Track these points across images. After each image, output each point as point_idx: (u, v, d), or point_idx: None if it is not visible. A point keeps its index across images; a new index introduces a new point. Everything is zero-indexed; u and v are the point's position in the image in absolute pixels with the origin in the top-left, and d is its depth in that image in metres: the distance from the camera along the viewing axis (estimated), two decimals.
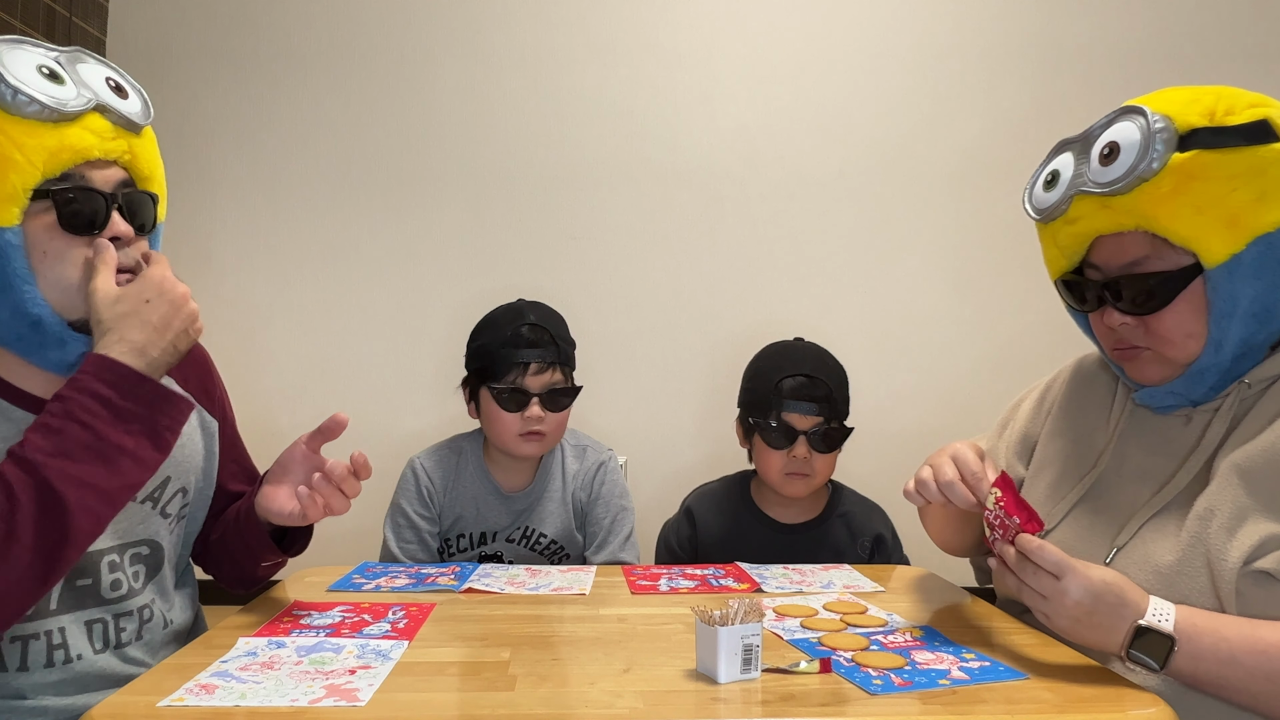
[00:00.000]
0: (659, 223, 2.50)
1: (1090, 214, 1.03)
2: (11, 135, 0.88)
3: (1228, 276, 0.97)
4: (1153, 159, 0.95)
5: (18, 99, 0.88)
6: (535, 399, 1.51)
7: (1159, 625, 0.89)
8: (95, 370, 0.90)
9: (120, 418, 0.90)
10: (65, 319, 0.95)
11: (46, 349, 0.96)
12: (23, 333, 0.94)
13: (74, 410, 0.88)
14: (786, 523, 1.57)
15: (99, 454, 0.89)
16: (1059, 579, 0.90)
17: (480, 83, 2.51)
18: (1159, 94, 1.02)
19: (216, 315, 2.44)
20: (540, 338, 1.52)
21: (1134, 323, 1.03)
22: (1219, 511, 0.96)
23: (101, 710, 0.79)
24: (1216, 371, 1.02)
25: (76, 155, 0.93)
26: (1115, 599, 0.90)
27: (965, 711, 0.81)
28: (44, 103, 0.89)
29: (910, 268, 2.51)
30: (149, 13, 2.49)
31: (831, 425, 1.50)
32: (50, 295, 0.94)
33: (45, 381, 0.99)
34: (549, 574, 1.33)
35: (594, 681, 0.87)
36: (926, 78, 2.52)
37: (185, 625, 1.18)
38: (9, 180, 0.89)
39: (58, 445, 0.87)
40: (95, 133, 0.95)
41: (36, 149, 0.90)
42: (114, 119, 0.97)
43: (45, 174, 0.91)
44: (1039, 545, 0.92)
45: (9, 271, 0.91)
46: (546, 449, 1.58)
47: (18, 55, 0.91)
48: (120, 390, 0.90)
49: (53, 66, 0.94)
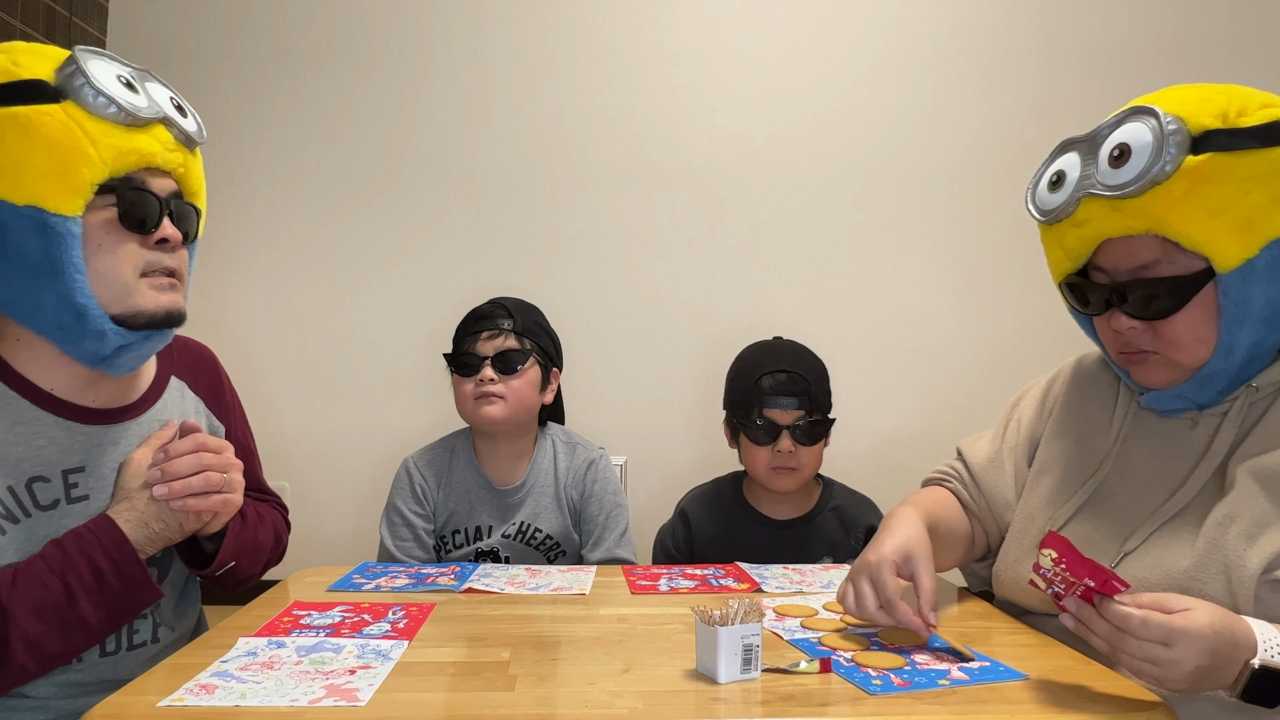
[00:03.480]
0: (658, 223, 2.50)
1: (1099, 216, 1.00)
2: (90, 132, 0.94)
3: (1241, 281, 0.95)
4: (1166, 162, 0.93)
5: (99, 100, 0.95)
6: (486, 361, 1.55)
7: (1273, 662, 0.82)
8: (100, 533, 0.98)
9: (101, 593, 0.97)
10: (108, 312, 0.99)
11: (85, 340, 0.99)
12: (66, 321, 0.98)
13: (68, 572, 0.95)
14: (780, 519, 1.59)
15: (62, 622, 0.95)
16: (1170, 646, 0.81)
17: (480, 83, 2.51)
18: (1167, 93, 1.00)
19: (214, 315, 2.44)
20: (495, 310, 1.60)
21: (1142, 327, 1.01)
22: (1239, 519, 0.94)
23: (101, 710, 0.79)
24: (1226, 376, 1.00)
25: (141, 160, 1.00)
26: (1230, 646, 0.82)
27: (965, 711, 0.81)
28: (122, 106, 0.96)
29: (910, 267, 2.51)
30: (149, 13, 2.49)
31: (813, 418, 1.53)
32: (97, 287, 0.98)
33: (70, 378, 1.03)
34: (549, 574, 1.33)
35: (594, 681, 0.87)
36: (926, 77, 2.52)
37: (189, 627, 1.19)
38: (80, 173, 0.94)
39: (35, 602, 0.93)
40: (160, 142, 1.02)
41: (109, 148, 0.96)
42: (176, 133, 1.04)
43: (111, 172, 0.97)
44: (1142, 620, 0.82)
45: (64, 260, 0.95)
46: (506, 415, 1.56)
47: (101, 64, 0.98)
48: (114, 563, 0.98)
49: (129, 78, 1.01)
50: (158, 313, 1.03)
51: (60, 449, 1.03)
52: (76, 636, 0.97)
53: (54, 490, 1.02)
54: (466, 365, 1.57)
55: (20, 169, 0.92)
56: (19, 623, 0.91)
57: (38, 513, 1.00)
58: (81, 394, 1.05)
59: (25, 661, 0.93)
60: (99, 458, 1.06)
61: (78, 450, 1.04)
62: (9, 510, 0.98)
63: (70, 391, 1.04)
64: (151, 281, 1.03)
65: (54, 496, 1.01)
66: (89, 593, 0.96)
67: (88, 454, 1.05)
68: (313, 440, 2.45)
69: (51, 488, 1.01)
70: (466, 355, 1.57)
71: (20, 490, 0.99)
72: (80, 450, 1.04)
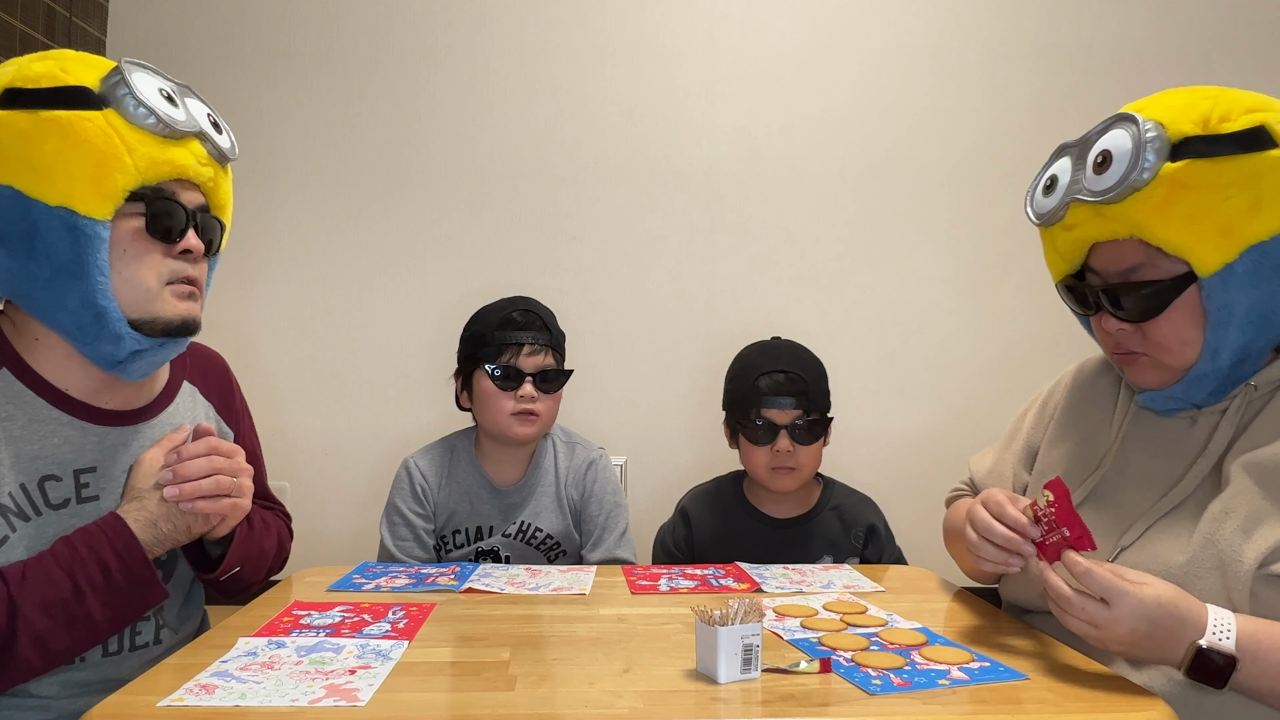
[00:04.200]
0: (658, 223, 2.50)
1: (1085, 221, 1.03)
2: (127, 140, 0.97)
3: (1221, 285, 0.96)
4: (1144, 169, 0.94)
5: (139, 110, 0.98)
6: (529, 379, 1.54)
7: (1220, 645, 0.85)
8: (110, 531, 0.99)
9: (108, 590, 0.98)
10: (127, 316, 1.01)
11: (102, 341, 1.01)
12: (85, 322, 0.99)
13: (77, 569, 0.96)
14: (780, 518, 1.59)
15: (69, 619, 0.96)
16: (1108, 605, 0.87)
17: (480, 83, 2.51)
18: (1157, 97, 1.01)
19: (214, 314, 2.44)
20: (532, 322, 1.58)
21: (1130, 329, 1.03)
22: (1234, 514, 0.95)
23: (101, 710, 0.79)
24: (1215, 378, 1.01)
25: (174, 170, 1.03)
26: (1172, 620, 0.86)
27: (965, 711, 0.81)
28: (161, 117, 0.99)
29: (910, 267, 2.51)
30: (149, 13, 2.49)
31: (811, 417, 1.53)
32: (120, 291, 1.00)
33: (85, 379, 1.05)
34: (549, 574, 1.33)
35: (594, 681, 0.87)
36: (926, 77, 2.52)
37: (192, 630, 1.19)
38: (114, 178, 0.97)
39: (44, 598, 0.94)
40: (194, 155, 1.05)
41: (144, 156, 0.99)
42: (209, 148, 1.08)
43: (143, 180, 1.00)
44: (1086, 569, 0.88)
45: (90, 262, 0.97)
46: (540, 432, 1.60)
47: (144, 76, 1.01)
48: (122, 561, 0.99)
49: (170, 92, 1.04)
50: (174, 320, 1.05)
51: (73, 448, 1.04)
52: (82, 634, 0.98)
53: (65, 489, 1.03)
54: (507, 378, 1.55)
55: (56, 171, 0.94)
56: (28, 618, 0.92)
57: (48, 511, 1.01)
58: (96, 395, 1.07)
59: (31, 657, 0.93)
60: (110, 459, 1.07)
61: (90, 451, 1.05)
62: (20, 508, 0.99)
63: (85, 393, 1.06)
64: (174, 289, 1.05)
65: (64, 496, 1.03)
66: (96, 590, 0.97)
67: (100, 455, 1.06)
68: (313, 440, 2.44)
69: (63, 487, 1.03)
70: (508, 368, 1.55)
71: (32, 488, 1.00)
72: (93, 451, 1.05)
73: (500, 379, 1.54)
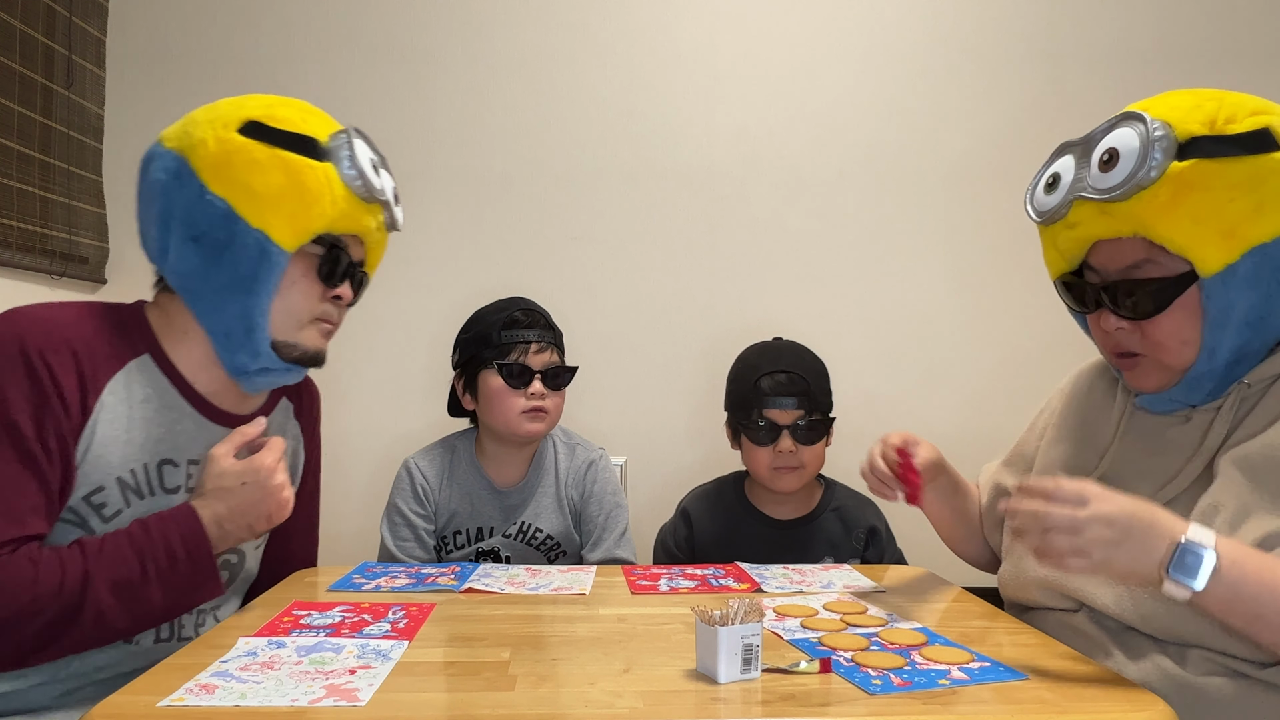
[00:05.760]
0: (658, 223, 2.50)
1: (1089, 219, 1.02)
2: (335, 193, 1.11)
3: (1222, 286, 0.96)
4: (1151, 167, 0.94)
5: (351, 172, 1.12)
6: (538, 376, 1.55)
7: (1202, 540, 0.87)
8: (182, 522, 1.04)
9: (173, 576, 1.02)
10: (272, 337, 1.13)
11: (241, 351, 1.12)
12: (235, 330, 1.11)
13: (146, 553, 1.01)
14: (781, 519, 1.59)
15: (130, 599, 1.00)
16: (1086, 502, 0.89)
17: (480, 83, 2.51)
18: (1162, 98, 1.01)
19: None
20: (536, 320, 1.60)
21: (1130, 327, 1.03)
22: (1223, 508, 0.95)
23: (101, 710, 0.79)
24: (1212, 378, 1.02)
25: (356, 227, 1.17)
26: (1145, 526, 0.88)
27: (965, 712, 0.81)
28: (368, 181, 1.14)
29: (911, 268, 2.50)
30: (149, 13, 2.49)
31: (813, 417, 1.53)
32: (275, 313, 1.12)
33: (211, 379, 1.16)
34: (549, 574, 1.33)
35: (594, 681, 0.87)
36: (927, 77, 2.52)
37: None
38: (312, 221, 1.10)
39: (114, 575, 0.99)
40: (375, 220, 1.19)
41: (341, 211, 1.12)
42: (387, 218, 1.23)
43: (330, 229, 1.13)
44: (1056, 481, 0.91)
45: (263, 280, 1.09)
46: (549, 428, 1.61)
47: (361, 145, 1.16)
48: (189, 550, 1.04)
49: (376, 162, 1.19)
50: (310, 350, 1.18)
51: (190, 439, 1.13)
52: (140, 616, 1.02)
53: (178, 476, 1.12)
54: (517, 376, 1.55)
55: (268, 200, 1.07)
56: (97, 592, 0.97)
57: (161, 494, 1.10)
58: (215, 395, 1.17)
59: (91, 630, 0.98)
60: None
61: (202, 444, 1.14)
62: (138, 485, 1.07)
63: (208, 391, 1.16)
64: (318, 326, 1.19)
65: (177, 483, 1.12)
66: (160, 574, 1.01)
67: (208, 449, 1.13)
68: None
69: (178, 473, 1.12)
70: (517, 365, 1.56)
71: (152, 469, 1.09)
72: (204, 445, 1.14)
73: (511, 377, 1.55)
